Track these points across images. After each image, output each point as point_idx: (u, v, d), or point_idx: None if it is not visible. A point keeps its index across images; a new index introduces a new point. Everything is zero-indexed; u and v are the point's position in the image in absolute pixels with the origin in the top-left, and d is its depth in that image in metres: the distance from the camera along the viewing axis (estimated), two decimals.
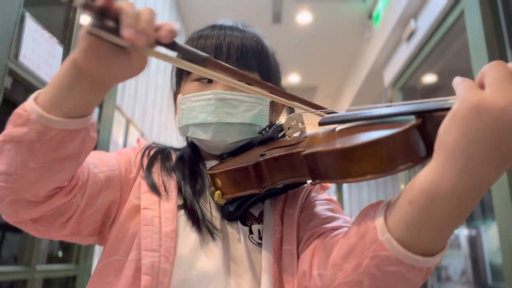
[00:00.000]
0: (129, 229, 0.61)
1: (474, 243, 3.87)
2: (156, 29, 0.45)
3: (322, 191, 0.72)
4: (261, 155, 0.57)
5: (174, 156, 0.72)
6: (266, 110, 0.69)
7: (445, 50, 2.69)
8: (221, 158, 0.69)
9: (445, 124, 0.37)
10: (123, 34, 0.42)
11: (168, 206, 0.62)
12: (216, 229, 0.61)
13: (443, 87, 3.25)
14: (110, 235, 0.62)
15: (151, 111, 3.03)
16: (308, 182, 0.69)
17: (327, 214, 0.63)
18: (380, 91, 4.04)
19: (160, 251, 0.57)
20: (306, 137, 0.57)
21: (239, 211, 0.63)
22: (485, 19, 1.89)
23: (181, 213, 0.63)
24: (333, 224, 0.60)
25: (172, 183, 0.65)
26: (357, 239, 0.44)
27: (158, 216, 0.60)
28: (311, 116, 0.60)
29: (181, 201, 0.64)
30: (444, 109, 0.39)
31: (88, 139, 0.51)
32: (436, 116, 0.40)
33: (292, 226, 0.62)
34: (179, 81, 0.73)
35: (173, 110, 0.79)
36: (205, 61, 0.51)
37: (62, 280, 1.86)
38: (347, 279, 0.45)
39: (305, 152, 0.47)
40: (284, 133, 0.68)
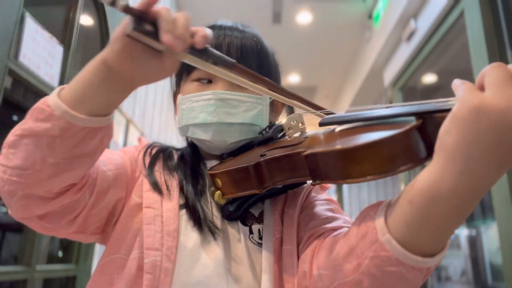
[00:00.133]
0: (131, 227, 0.61)
1: (474, 243, 3.87)
2: (191, 34, 0.47)
3: (322, 191, 0.72)
4: (261, 155, 0.57)
5: (175, 155, 0.73)
6: (266, 110, 0.69)
7: (445, 50, 2.69)
8: (221, 158, 0.69)
9: (445, 125, 0.37)
10: (162, 39, 0.44)
11: (170, 205, 0.62)
12: (217, 228, 0.61)
13: (443, 87, 3.25)
14: (112, 233, 0.63)
15: (151, 111, 3.03)
16: (309, 182, 0.69)
17: (327, 214, 0.63)
18: (380, 91, 4.04)
19: (162, 250, 0.57)
20: (306, 137, 0.57)
21: (239, 211, 0.63)
22: (485, 19, 1.89)
23: (183, 212, 0.63)
24: (333, 224, 0.60)
25: (174, 182, 0.65)
26: (357, 239, 0.44)
27: (160, 215, 0.60)
28: (311, 117, 0.60)
29: (182, 201, 0.64)
30: (444, 111, 0.39)
31: (106, 137, 0.52)
32: (436, 117, 0.40)
33: (292, 226, 0.62)
34: (179, 81, 0.73)
35: (173, 110, 0.79)
36: (233, 66, 0.53)
37: (62, 280, 1.86)
38: (347, 279, 0.45)
39: (306, 153, 0.47)
40: (284, 133, 0.68)
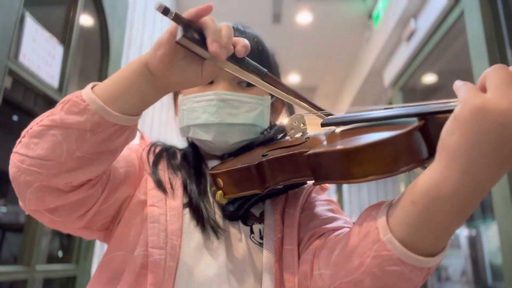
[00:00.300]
0: (134, 224, 0.62)
1: (474, 243, 3.87)
2: (233, 44, 0.49)
3: (322, 192, 0.73)
4: (263, 156, 0.57)
5: (179, 155, 0.73)
6: (267, 111, 0.70)
7: (445, 50, 2.69)
8: (222, 158, 0.69)
9: (447, 126, 0.37)
10: (210, 48, 0.46)
11: (174, 204, 0.62)
12: (220, 228, 0.62)
13: (443, 87, 3.25)
14: (116, 230, 0.63)
15: (151, 111, 3.02)
16: (310, 182, 0.69)
17: (328, 215, 0.63)
18: (380, 91, 4.04)
19: (166, 249, 0.57)
20: (308, 138, 0.57)
21: (240, 211, 0.63)
22: (485, 19, 1.89)
23: (185, 211, 0.63)
24: (334, 224, 0.60)
25: (177, 181, 0.66)
26: (359, 239, 0.45)
27: (164, 214, 0.60)
28: (312, 117, 0.60)
29: (186, 200, 0.64)
30: (446, 112, 0.39)
31: (131, 136, 0.54)
32: (438, 118, 0.40)
33: (293, 226, 0.62)
34: None
35: (173, 110, 0.79)
36: (265, 75, 0.56)
37: (62, 280, 1.86)
38: (349, 278, 0.45)
39: (308, 153, 0.47)
40: (284, 134, 0.68)
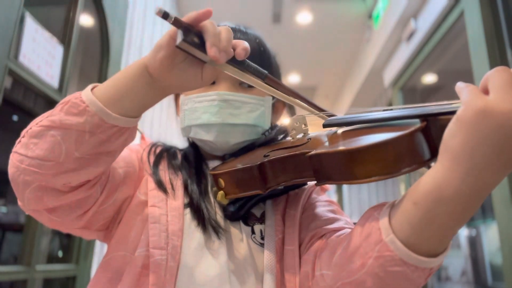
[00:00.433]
0: (134, 224, 0.62)
1: (474, 243, 3.87)
2: (232, 47, 0.49)
3: (322, 193, 0.73)
4: (265, 156, 0.57)
5: (179, 155, 0.73)
6: (268, 112, 0.70)
7: (445, 50, 2.69)
8: (222, 158, 0.69)
9: (450, 128, 0.37)
10: (209, 52, 0.46)
11: (175, 204, 0.62)
12: (221, 228, 0.62)
13: (443, 87, 3.24)
14: (116, 230, 0.63)
15: (151, 111, 3.02)
16: (310, 183, 0.69)
17: (329, 216, 0.63)
18: (380, 91, 4.04)
19: (168, 250, 0.57)
20: (310, 138, 0.57)
21: (241, 211, 0.63)
22: (485, 19, 1.89)
23: (186, 211, 0.63)
24: (335, 225, 0.60)
25: (178, 181, 0.66)
26: (361, 239, 0.44)
27: (165, 214, 0.60)
28: (314, 118, 0.60)
29: (187, 200, 0.64)
30: (448, 113, 0.39)
31: (130, 138, 0.53)
32: (440, 120, 0.40)
33: (294, 227, 0.62)
34: None
35: (173, 110, 0.79)
36: (266, 77, 0.56)
37: (62, 280, 1.86)
38: (351, 279, 0.45)
39: (310, 154, 0.47)
40: (285, 135, 0.68)
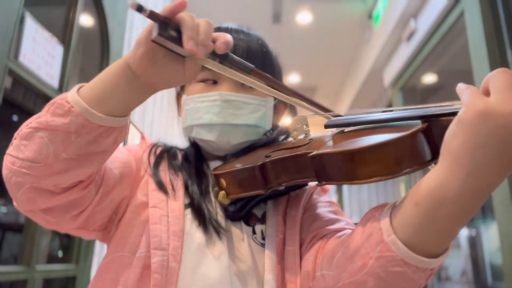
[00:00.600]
0: (135, 225, 0.62)
1: (474, 243, 3.87)
2: (213, 40, 0.48)
3: (323, 193, 0.73)
4: (266, 156, 0.57)
5: (179, 155, 0.73)
6: (270, 112, 0.70)
7: (445, 50, 2.69)
8: (224, 159, 0.69)
9: (451, 129, 0.37)
10: (185, 46, 0.45)
11: (176, 205, 0.62)
12: (222, 228, 0.62)
13: (443, 87, 3.24)
14: (116, 231, 0.63)
15: (151, 111, 3.02)
16: (311, 184, 0.69)
17: (330, 216, 0.63)
18: (380, 91, 4.04)
19: (169, 250, 0.57)
20: (311, 139, 0.57)
21: (242, 211, 0.63)
22: (485, 19, 1.89)
23: (187, 212, 0.63)
24: (336, 226, 0.60)
25: (179, 182, 0.66)
26: (362, 240, 0.45)
27: (166, 215, 0.60)
28: (315, 118, 0.60)
29: (187, 200, 0.64)
30: (449, 114, 0.40)
31: (120, 138, 0.53)
32: (442, 121, 0.41)
33: (295, 227, 0.62)
34: None
35: (173, 110, 0.79)
36: (251, 71, 0.53)
37: (62, 280, 1.86)
38: (352, 279, 0.45)
39: (312, 154, 0.47)
40: (287, 135, 0.68)
